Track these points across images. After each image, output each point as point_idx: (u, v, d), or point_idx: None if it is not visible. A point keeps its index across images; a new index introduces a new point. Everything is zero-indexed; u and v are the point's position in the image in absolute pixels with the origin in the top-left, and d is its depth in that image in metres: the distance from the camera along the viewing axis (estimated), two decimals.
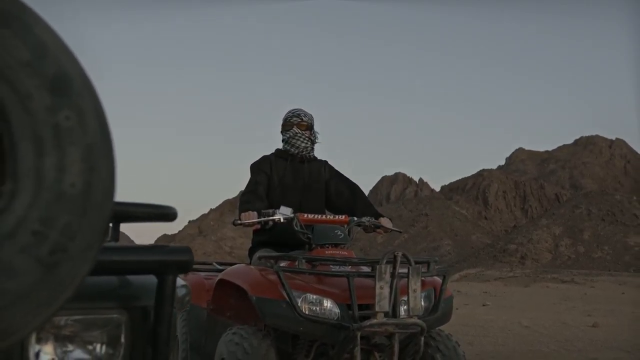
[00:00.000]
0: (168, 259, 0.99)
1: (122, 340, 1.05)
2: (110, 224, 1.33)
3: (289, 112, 3.96)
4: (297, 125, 3.88)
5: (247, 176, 3.91)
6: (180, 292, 1.22)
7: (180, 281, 1.31)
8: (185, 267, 1.01)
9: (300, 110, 3.95)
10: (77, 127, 0.74)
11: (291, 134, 3.89)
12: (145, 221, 1.23)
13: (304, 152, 3.91)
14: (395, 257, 2.82)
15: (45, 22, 0.75)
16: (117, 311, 1.05)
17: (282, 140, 3.94)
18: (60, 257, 0.73)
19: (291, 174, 3.88)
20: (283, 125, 3.95)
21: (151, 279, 1.04)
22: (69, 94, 0.74)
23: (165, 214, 1.15)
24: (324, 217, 3.54)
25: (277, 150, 4.01)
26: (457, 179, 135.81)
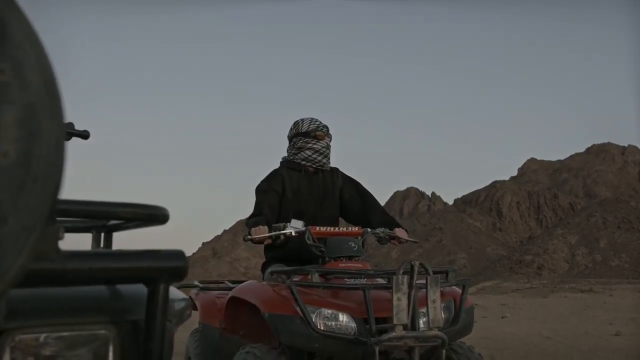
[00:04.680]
0: (158, 266, 0.85)
1: (110, 358, 0.92)
2: (102, 233, 1.21)
3: (314, 121, 3.79)
4: (327, 135, 3.78)
5: None
6: (178, 304, 1.10)
7: (178, 293, 1.19)
8: (179, 275, 0.87)
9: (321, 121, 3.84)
10: (14, 82, 0.59)
11: (325, 144, 3.77)
12: (131, 222, 1.09)
13: (328, 163, 3.81)
14: (412, 267, 2.69)
15: None
16: (104, 326, 0.92)
17: (311, 149, 3.74)
18: None
19: (306, 186, 3.76)
20: (311, 134, 3.74)
21: (143, 289, 0.92)
22: (3, 43, 0.59)
23: (154, 214, 0.98)
24: (336, 229, 3.43)
25: (288, 162, 3.85)
26: (470, 191, 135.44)
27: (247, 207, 3.68)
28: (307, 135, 3.75)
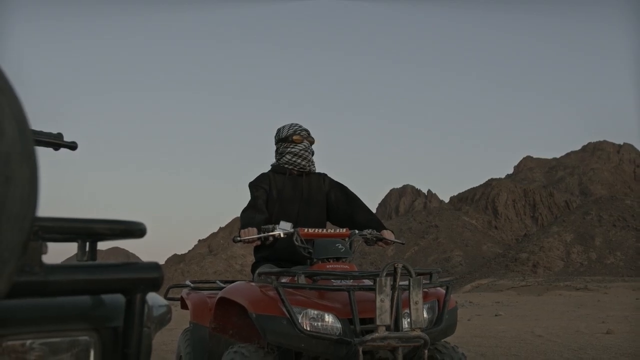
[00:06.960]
0: (135, 277, 0.92)
1: None
2: (87, 243, 1.28)
3: (293, 125, 3.94)
4: (307, 139, 3.89)
5: None
6: (158, 310, 1.17)
7: (160, 299, 1.26)
8: (154, 285, 0.94)
9: (301, 125, 3.94)
10: None
11: (303, 147, 3.89)
12: (109, 238, 1.17)
13: (311, 165, 3.90)
14: (395, 268, 2.76)
15: None
16: (86, 333, 0.98)
17: (290, 153, 3.90)
18: None
19: (290, 188, 3.86)
20: (289, 139, 3.90)
21: (123, 298, 0.98)
22: None
23: (130, 230, 1.05)
24: (324, 231, 3.49)
25: (274, 166, 3.99)
26: (466, 189, 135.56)
27: (243, 205, 3.77)
28: (286, 140, 3.92)
